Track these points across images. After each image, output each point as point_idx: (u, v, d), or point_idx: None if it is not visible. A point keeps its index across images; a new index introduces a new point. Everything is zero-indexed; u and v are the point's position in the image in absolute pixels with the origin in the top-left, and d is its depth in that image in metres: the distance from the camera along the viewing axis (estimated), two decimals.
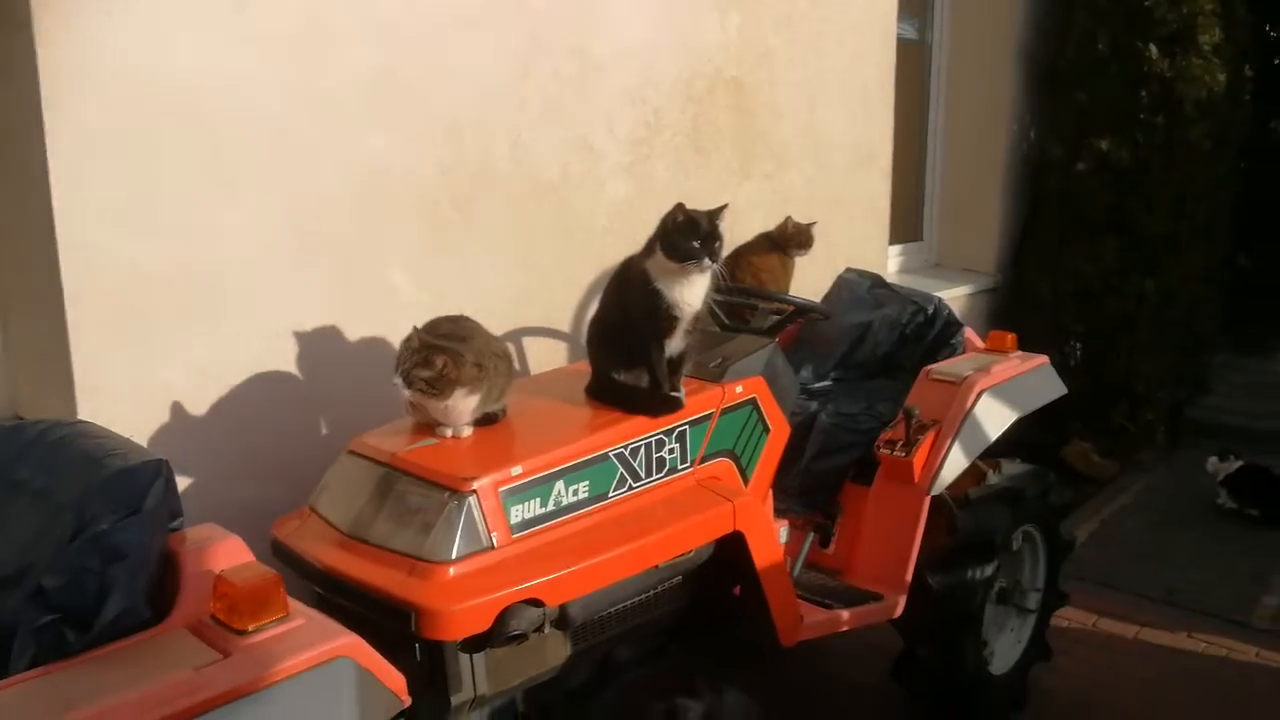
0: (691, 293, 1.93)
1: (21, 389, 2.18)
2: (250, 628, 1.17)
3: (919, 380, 2.49)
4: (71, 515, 1.26)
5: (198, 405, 2.16)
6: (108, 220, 1.99)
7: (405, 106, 2.43)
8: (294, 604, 1.23)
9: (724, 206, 2.01)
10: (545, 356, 2.80)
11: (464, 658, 1.74)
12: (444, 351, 1.87)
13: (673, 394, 1.98)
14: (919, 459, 2.32)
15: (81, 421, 1.50)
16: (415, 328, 1.92)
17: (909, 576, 2.34)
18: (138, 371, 2.06)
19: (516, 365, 2.51)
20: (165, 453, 1.42)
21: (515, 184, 2.68)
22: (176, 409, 2.12)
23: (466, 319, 2.03)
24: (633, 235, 2.94)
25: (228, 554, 1.29)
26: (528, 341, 2.78)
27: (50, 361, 2.03)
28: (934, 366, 2.53)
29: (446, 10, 2.46)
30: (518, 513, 1.79)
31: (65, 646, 1.13)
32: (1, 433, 1.46)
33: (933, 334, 2.77)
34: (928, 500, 2.34)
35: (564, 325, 2.87)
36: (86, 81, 1.93)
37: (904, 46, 3.97)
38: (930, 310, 2.79)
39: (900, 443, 2.34)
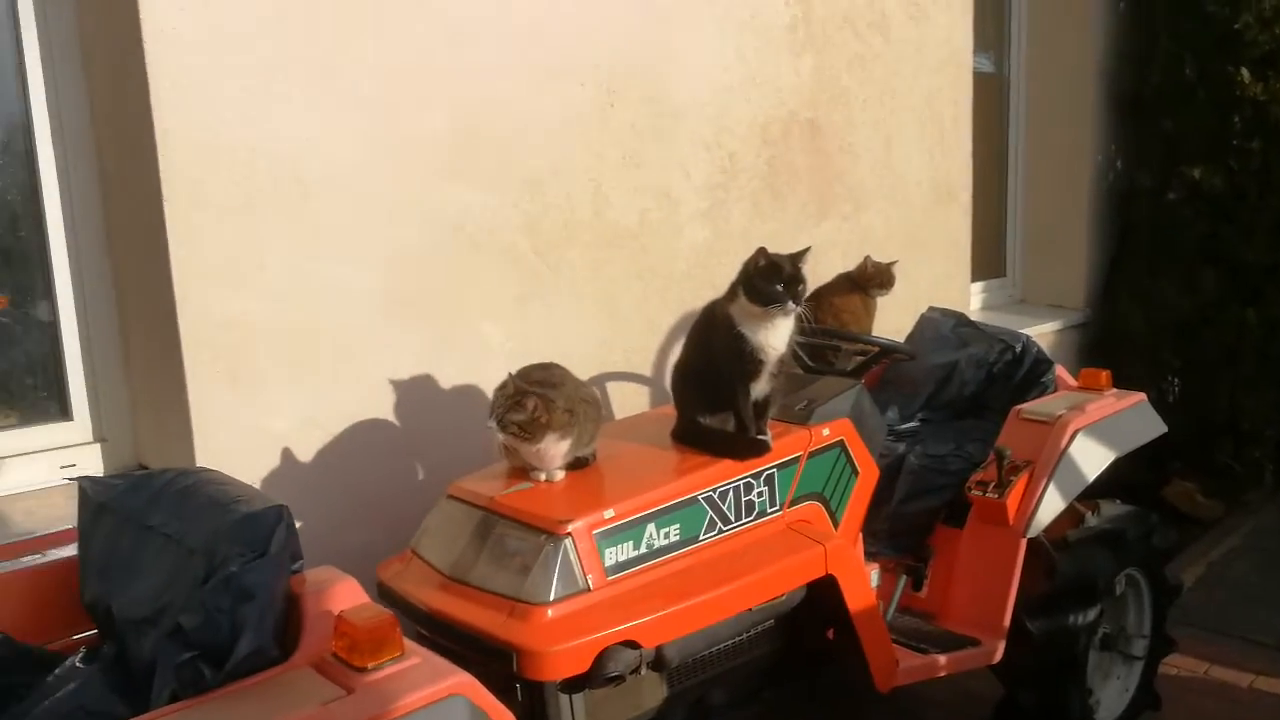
0: (776, 336, 1.96)
1: (144, 437, 2.31)
2: (370, 665, 1.23)
3: (1009, 420, 2.46)
4: (202, 558, 1.34)
5: (304, 452, 2.26)
6: (219, 280, 2.11)
7: (489, 161, 2.52)
8: (408, 643, 1.29)
9: (806, 250, 2.04)
10: (627, 400, 2.85)
11: (563, 698, 1.77)
12: (536, 397, 1.93)
13: (759, 437, 2.00)
14: (1013, 501, 2.29)
15: (206, 469, 1.59)
16: (511, 374, 1.98)
17: (1007, 621, 2.30)
18: (249, 420, 2.17)
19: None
20: (275, 497, 1.50)
21: (596, 232, 2.76)
22: (285, 455, 2.23)
23: (556, 366, 2.09)
24: (711, 279, 3.00)
25: (345, 595, 1.36)
26: (610, 386, 2.84)
27: (170, 412, 2.15)
28: (1025, 406, 2.50)
29: (525, 67, 2.56)
30: (611, 555, 1.83)
31: (202, 683, 1.20)
32: (133, 481, 1.56)
33: (1021, 372, 2.74)
34: (1024, 543, 2.31)
35: (645, 369, 2.92)
36: (199, 152, 2.06)
37: (981, 79, 3.97)
38: (1018, 348, 2.76)
39: (992, 484, 2.32)
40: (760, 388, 2.00)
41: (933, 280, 3.66)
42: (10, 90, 2.16)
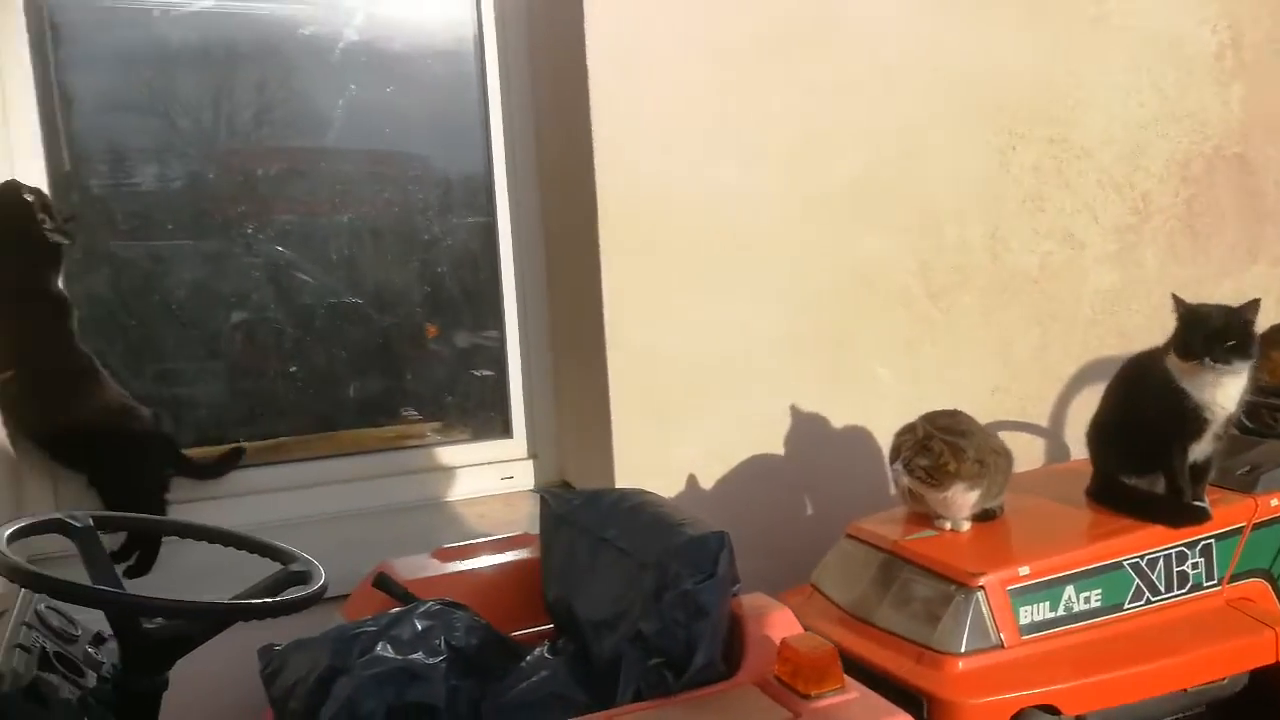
0: (1224, 394, 1.81)
1: (569, 459, 2.59)
2: (813, 693, 1.30)
3: None
4: (653, 573, 1.48)
5: (706, 480, 2.42)
6: (641, 319, 2.33)
7: (888, 205, 2.56)
8: (847, 677, 1.34)
9: (1256, 301, 1.87)
10: (1021, 452, 2.70)
11: None
12: (945, 444, 1.93)
13: (1197, 504, 1.85)
14: None
15: (645, 491, 1.76)
16: (921, 417, 2.00)
17: None
18: (661, 449, 2.36)
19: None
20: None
21: (992, 276, 2.70)
22: (691, 482, 2.40)
23: (962, 414, 2.07)
24: (1120, 327, 2.81)
25: (783, 622, 1.44)
26: (1003, 435, 2.73)
27: (594, 438, 2.40)
28: None
29: (925, 112, 2.57)
30: (1026, 614, 1.78)
31: (665, 687, 1.34)
32: (587, 497, 1.76)
33: None
34: None
35: (1041, 420, 2.79)
36: (629, 205, 2.29)
37: None
38: None
39: None
40: (1201, 449, 1.85)
41: None
42: (479, 156, 2.54)
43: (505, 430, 2.62)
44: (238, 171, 2.36)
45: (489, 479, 2.57)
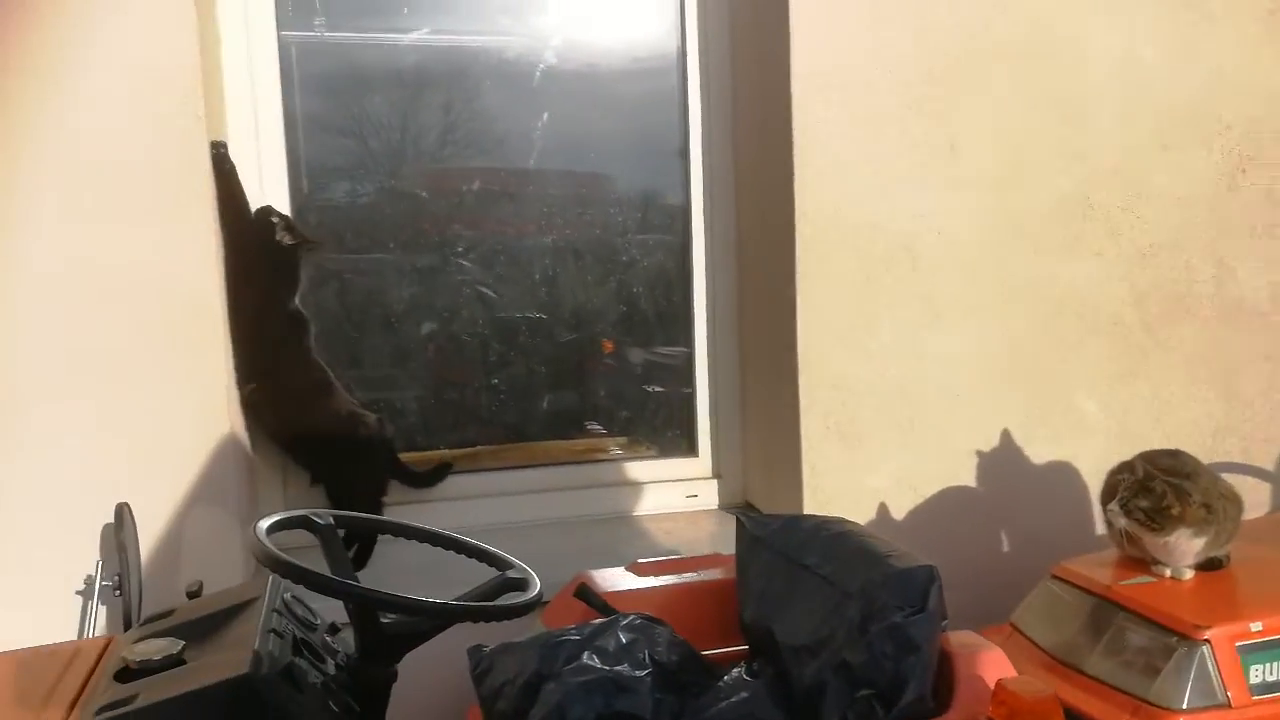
0: None
1: (754, 481, 2.60)
2: None
3: None
4: (858, 603, 1.47)
5: (898, 511, 2.37)
6: (836, 344, 2.32)
7: (1100, 233, 2.45)
8: None
9: None
10: (1245, 497, 2.54)
11: None
12: (1169, 486, 1.82)
13: None
14: None
15: (846, 520, 1.75)
16: (1139, 456, 1.90)
17: None
18: (851, 476, 2.34)
19: None
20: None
21: (1216, 307, 2.53)
22: (881, 510, 2.36)
23: (1185, 454, 1.96)
24: None
25: (993, 662, 1.41)
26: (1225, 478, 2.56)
27: (781, 462, 2.40)
28: None
29: (1147, 135, 2.46)
30: (1258, 673, 1.65)
31: (875, 719, 1.33)
32: (784, 522, 1.77)
33: None
34: None
35: (1267, 463, 2.59)
36: (828, 230, 2.28)
37: None
38: None
39: None
40: None
41: None
42: (678, 180, 2.60)
43: (690, 449, 2.65)
44: (451, 193, 2.50)
45: (674, 496, 2.61)
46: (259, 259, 2.10)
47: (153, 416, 1.94)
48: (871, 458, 2.35)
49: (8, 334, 1.87)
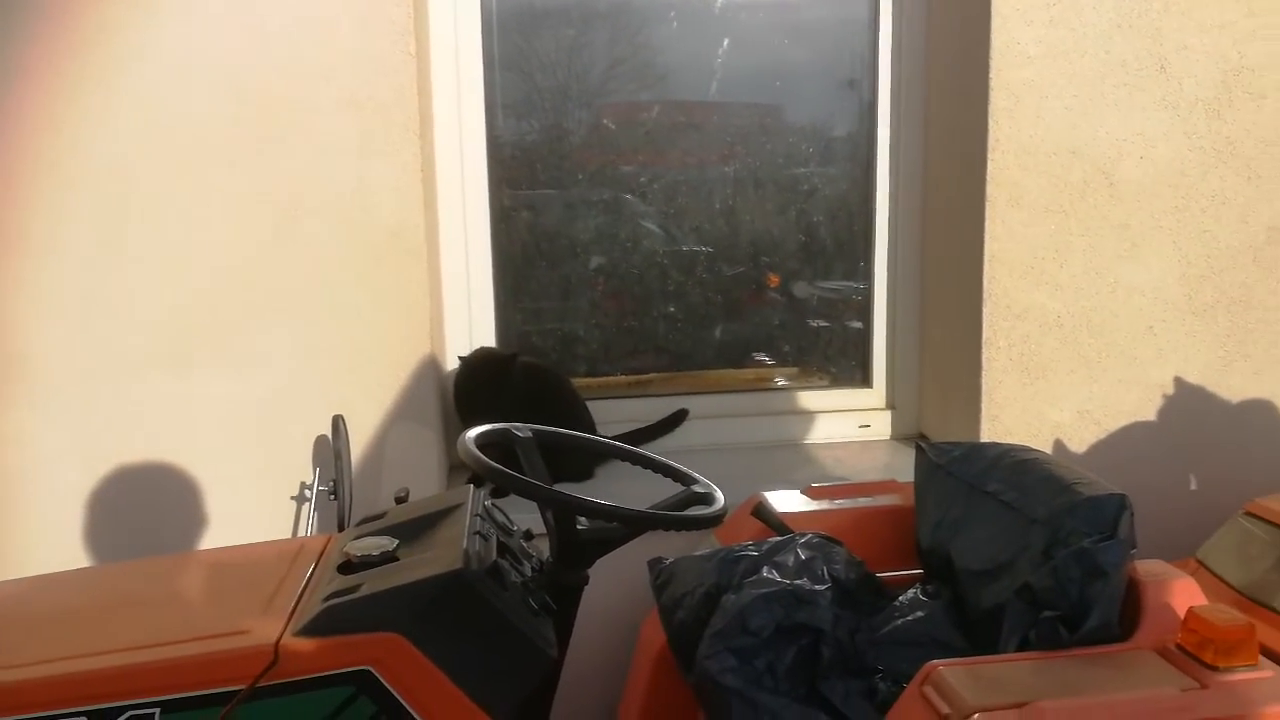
0: None
1: (928, 412, 2.59)
2: (1222, 666, 1.25)
3: None
4: (1044, 529, 1.48)
5: (1079, 445, 2.32)
6: (1023, 274, 2.27)
7: None
8: (1261, 656, 1.27)
9: None
10: None
11: None
12: None
13: None
14: None
15: (1031, 448, 1.74)
16: None
17: None
18: (1031, 408, 2.30)
19: None
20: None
21: None
22: (1059, 445, 2.32)
23: None
24: None
25: (1184, 591, 1.39)
26: None
27: (960, 392, 2.38)
28: None
29: None
30: None
31: (1059, 641, 1.35)
32: (966, 450, 1.78)
33: None
34: None
35: None
36: (1022, 157, 2.21)
37: None
38: None
39: None
40: None
41: None
42: (860, 106, 2.57)
43: (865, 380, 2.67)
44: (635, 125, 2.56)
45: (847, 425, 2.64)
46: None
47: (362, 337, 2.12)
48: (1054, 390, 2.31)
49: (239, 261, 2.07)
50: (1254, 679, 1.24)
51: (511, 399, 2.24)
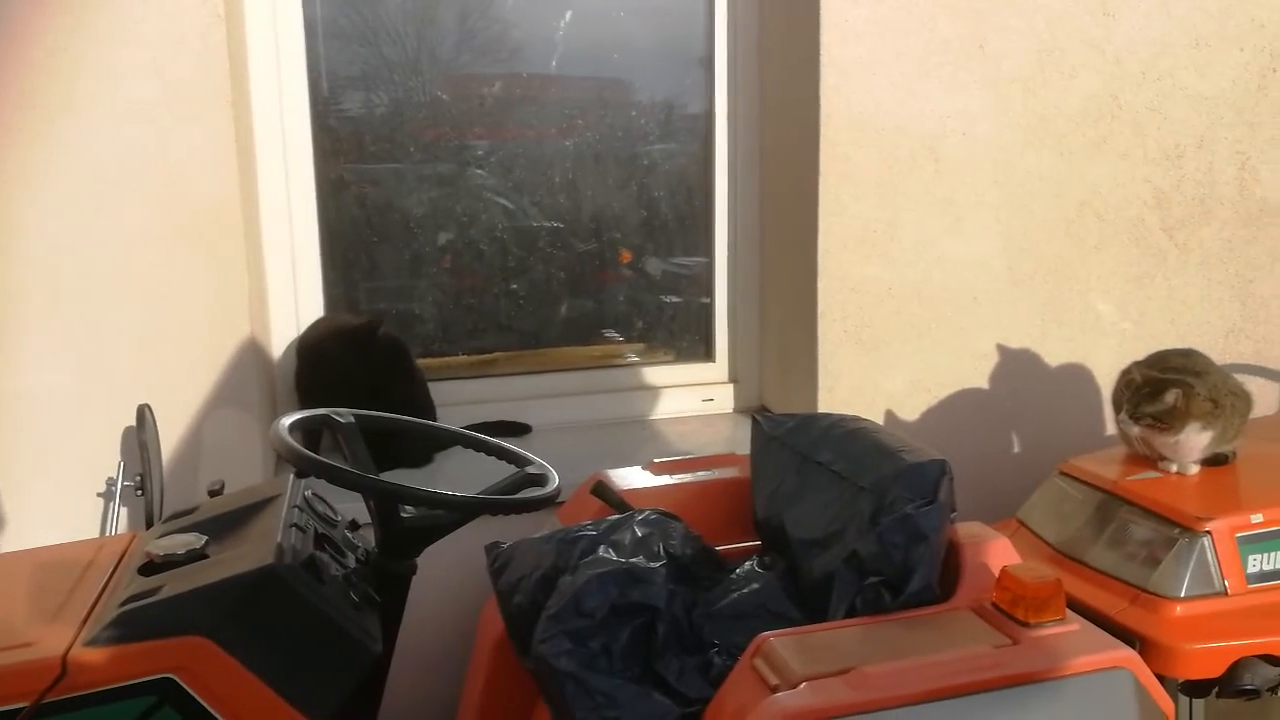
0: None
1: (770, 385, 2.63)
2: (1033, 621, 1.30)
3: None
4: (871, 496, 1.51)
5: (910, 413, 2.40)
6: (855, 248, 2.32)
7: (1125, 133, 2.42)
8: (1068, 610, 1.34)
9: None
10: (1256, 398, 2.56)
11: (1183, 700, 1.70)
12: (1175, 385, 1.84)
13: None
14: None
15: (860, 418, 1.78)
16: (1134, 364, 1.92)
17: None
18: (866, 378, 2.37)
19: None
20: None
21: (1237, 209, 2.51)
22: (891, 416, 2.39)
23: (1198, 353, 1.98)
24: None
25: (999, 551, 1.45)
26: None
27: (799, 365, 2.43)
28: None
29: (1176, 33, 2.40)
30: (1255, 563, 1.70)
31: (882, 606, 1.38)
32: (799, 421, 1.80)
33: None
34: None
35: (1278, 363, 2.59)
36: (852, 132, 2.26)
37: None
38: None
39: None
40: None
41: None
42: (700, 82, 2.56)
43: (708, 354, 2.68)
44: (472, 96, 2.48)
45: (690, 400, 2.65)
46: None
47: (173, 319, 1.98)
48: (887, 361, 2.38)
49: (26, 239, 1.89)
50: (1062, 633, 1.30)
51: (372, 373, 2.14)
